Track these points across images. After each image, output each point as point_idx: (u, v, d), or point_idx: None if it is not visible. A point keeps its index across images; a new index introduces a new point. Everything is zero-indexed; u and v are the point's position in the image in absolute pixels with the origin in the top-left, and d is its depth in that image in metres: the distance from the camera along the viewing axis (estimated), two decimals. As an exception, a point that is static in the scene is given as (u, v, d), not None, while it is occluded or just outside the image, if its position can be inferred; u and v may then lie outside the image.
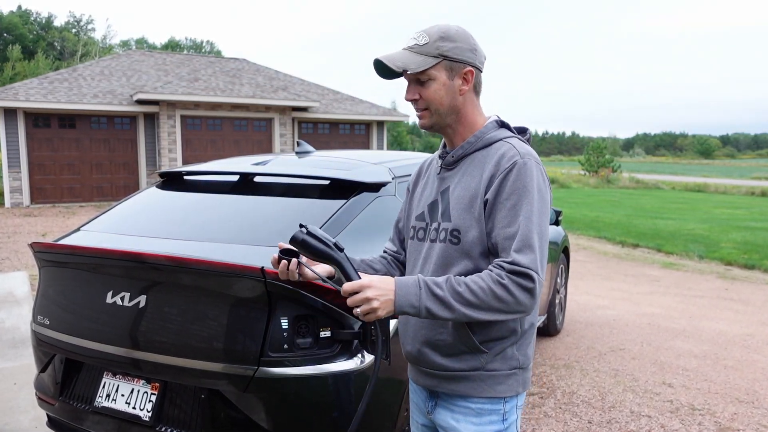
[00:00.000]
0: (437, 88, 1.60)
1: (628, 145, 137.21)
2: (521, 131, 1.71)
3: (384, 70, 1.62)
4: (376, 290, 1.46)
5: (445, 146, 1.73)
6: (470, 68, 1.62)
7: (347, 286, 1.47)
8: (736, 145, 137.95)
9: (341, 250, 1.54)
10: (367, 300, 1.45)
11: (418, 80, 1.61)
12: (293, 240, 1.56)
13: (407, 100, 1.65)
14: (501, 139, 1.63)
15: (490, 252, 1.57)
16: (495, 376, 1.61)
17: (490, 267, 1.51)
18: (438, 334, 1.63)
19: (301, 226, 1.56)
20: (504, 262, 1.49)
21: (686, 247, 10.45)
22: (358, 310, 1.46)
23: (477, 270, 1.57)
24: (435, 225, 1.67)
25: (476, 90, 1.67)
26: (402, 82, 1.69)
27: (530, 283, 1.47)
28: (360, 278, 1.49)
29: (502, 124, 1.68)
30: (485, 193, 1.57)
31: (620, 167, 33.38)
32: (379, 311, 1.46)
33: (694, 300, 6.98)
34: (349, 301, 1.46)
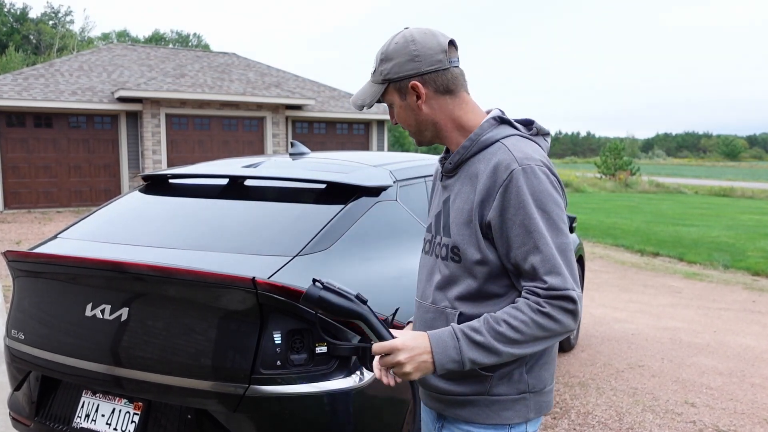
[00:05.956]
0: (399, 112, 1.64)
1: (648, 146, 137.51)
2: (527, 124, 1.65)
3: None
4: (408, 352, 1.44)
5: (447, 150, 1.71)
6: (414, 81, 1.57)
7: (377, 347, 1.45)
8: (764, 146, 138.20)
9: (365, 302, 1.47)
10: (399, 364, 1.44)
11: (389, 105, 1.66)
12: (307, 299, 1.45)
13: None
14: (498, 140, 1.57)
15: (512, 274, 1.53)
16: (501, 401, 1.58)
17: (524, 295, 1.48)
18: None
19: (314, 281, 1.46)
20: (538, 288, 1.45)
21: (710, 256, 10.45)
22: (392, 371, 1.49)
23: (481, 292, 1.54)
24: (438, 239, 1.64)
25: (448, 91, 1.59)
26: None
27: (572, 305, 1.45)
28: (390, 335, 1.47)
29: (502, 120, 1.61)
30: (482, 208, 1.52)
31: (639, 170, 33.42)
32: (413, 374, 1.45)
33: (718, 313, 6.97)
34: (381, 362, 1.48)
